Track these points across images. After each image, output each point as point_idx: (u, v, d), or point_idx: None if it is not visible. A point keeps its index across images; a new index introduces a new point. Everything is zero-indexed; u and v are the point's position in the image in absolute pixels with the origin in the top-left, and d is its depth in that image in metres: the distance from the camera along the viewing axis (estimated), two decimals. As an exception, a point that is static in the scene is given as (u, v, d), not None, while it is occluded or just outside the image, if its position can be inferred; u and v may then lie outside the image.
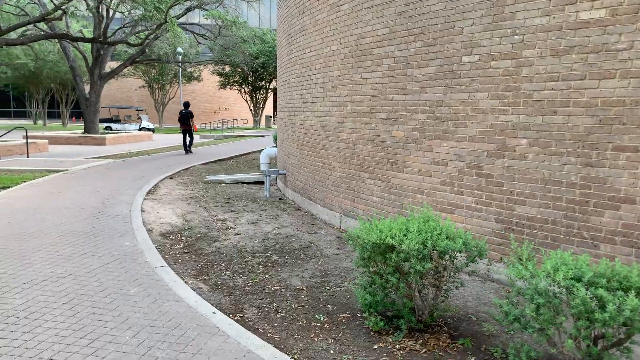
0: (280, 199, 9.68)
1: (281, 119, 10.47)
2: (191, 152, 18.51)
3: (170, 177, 12.26)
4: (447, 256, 3.77)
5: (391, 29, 6.10)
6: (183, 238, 6.67)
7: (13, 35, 24.16)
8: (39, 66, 36.10)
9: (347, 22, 6.91)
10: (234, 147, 22.20)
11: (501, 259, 5.05)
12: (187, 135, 18.38)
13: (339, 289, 4.85)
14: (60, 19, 13.89)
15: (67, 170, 12.70)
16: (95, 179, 11.29)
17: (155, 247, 6.08)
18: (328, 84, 7.49)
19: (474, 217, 5.25)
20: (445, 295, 4.02)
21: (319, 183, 7.96)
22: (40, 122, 43.71)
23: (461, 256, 3.97)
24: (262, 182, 11.57)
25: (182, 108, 18.69)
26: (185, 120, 18.32)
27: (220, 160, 16.55)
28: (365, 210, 6.72)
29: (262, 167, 11.93)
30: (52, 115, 49.28)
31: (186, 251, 6.08)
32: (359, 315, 4.23)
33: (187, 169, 13.89)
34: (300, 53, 8.60)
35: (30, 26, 23.68)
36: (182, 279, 4.99)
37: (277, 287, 4.86)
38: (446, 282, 3.89)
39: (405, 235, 3.78)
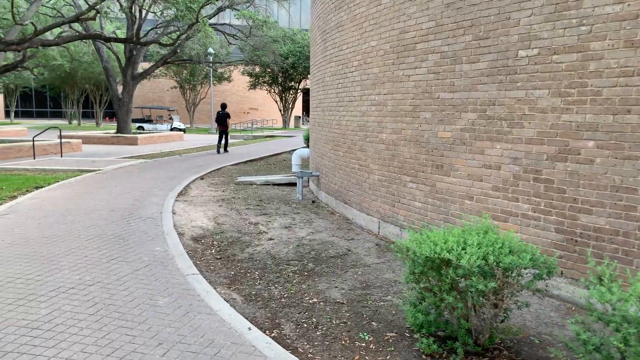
0: (313, 201, 9.34)
1: (314, 118, 10.14)
2: (227, 151, 19.02)
3: (202, 178, 12.08)
4: (512, 273, 3.34)
5: (437, 22, 5.68)
6: (215, 243, 6.39)
7: (50, 36, 24.60)
8: (74, 67, 36.82)
9: (388, 16, 6.51)
10: (264, 147, 22.02)
11: (562, 274, 4.57)
12: (224, 135, 18.86)
13: (382, 303, 4.46)
14: (94, 19, 13.94)
15: (99, 170, 12.68)
16: (126, 180, 11.19)
17: (187, 252, 5.81)
18: (366, 81, 7.10)
19: (531, 226, 4.78)
20: (505, 315, 3.60)
21: (355, 186, 7.58)
22: (75, 122, 44.66)
23: (527, 273, 3.54)
24: (294, 184, 11.27)
25: (220, 109, 19.28)
26: (222, 120, 18.84)
27: (250, 160, 16.35)
28: (407, 216, 6.30)
29: (294, 169, 11.63)
30: (87, 115, 50.33)
31: (218, 257, 5.80)
32: (407, 334, 3.84)
33: (218, 169, 13.70)
34: (335, 50, 8.24)
35: (66, 27, 24.07)
36: (215, 288, 4.69)
37: (315, 300, 4.50)
38: (508, 301, 3.46)
39: (463, 249, 3.37)
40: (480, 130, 5.22)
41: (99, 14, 13.44)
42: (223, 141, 19.00)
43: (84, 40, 30.91)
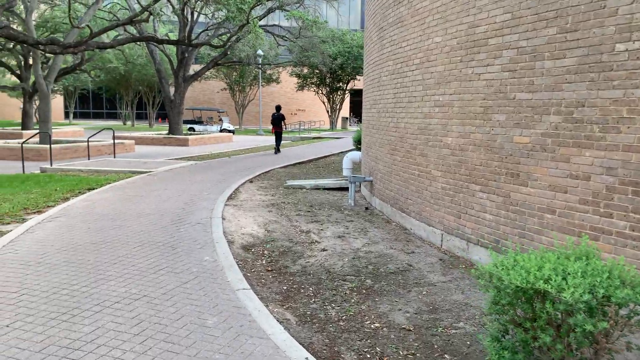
0: (366, 208, 8.86)
1: (368, 120, 9.66)
2: (279, 152, 19.55)
3: (251, 181, 11.85)
4: (625, 310, 2.76)
5: (514, 15, 5.09)
6: (265, 252, 6.04)
7: (106, 39, 25.30)
8: (128, 69, 37.92)
9: (455, 10, 5.96)
10: (312, 149, 21.70)
11: (669, 304, 3.89)
12: (278, 136, 19.46)
13: (454, 331, 3.94)
14: (147, 21, 14.06)
15: (150, 172, 12.70)
16: (176, 182, 11.10)
17: (237, 262, 5.49)
18: (429, 80, 6.57)
19: (628, 246, 4.13)
20: (611, 357, 3.01)
21: (415, 194, 7.05)
22: (129, 122, 46.07)
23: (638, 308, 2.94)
24: (345, 189, 10.83)
25: (275, 111, 19.78)
26: (278, 122, 19.36)
27: (299, 163, 16.05)
28: (475, 229, 5.72)
29: (345, 172, 11.19)
30: (140, 116, 51.86)
31: (269, 269, 5.43)
32: (488, 373, 3.31)
33: (266, 172, 13.46)
34: (394, 47, 7.74)
35: (121, 30, 24.67)
36: (267, 305, 4.32)
37: (377, 325, 4.04)
38: (616, 342, 2.88)
39: (564, 279, 2.82)
40: (566, 135, 4.60)
41: (151, 15, 13.50)
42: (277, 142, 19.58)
43: (138, 43, 31.72)
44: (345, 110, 51.16)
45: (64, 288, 4.51)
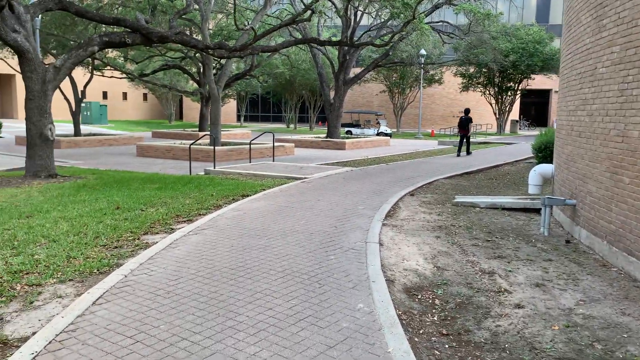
0: (567, 241, 6.78)
1: (571, 125, 7.51)
2: (469, 154, 19.87)
3: (412, 193, 10.38)
4: None
5: None
6: (437, 302, 4.56)
7: (272, 43, 26.04)
8: (293, 74, 39.17)
9: None
10: (480, 156, 19.33)
11: None
12: (465, 139, 19.68)
13: None
14: (309, 20, 13.55)
15: (305, 178, 12.02)
16: (330, 192, 10.15)
17: (399, 316, 4.11)
18: (695, 69, 4.40)
19: None
20: None
21: (656, 233, 4.89)
22: (292, 125, 47.89)
23: None
24: (531, 210, 8.74)
25: (463, 114, 20.05)
26: (465, 125, 19.58)
27: (466, 173, 14.07)
28: None
29: (532, 190, 9.06)
30: (302, 119, 53.74)
31: (444, 332, 3.94)
32: None
33: (429, 183, 11.85)
34: (622, 28, 5.61)
35: (288, 36, 25.11)
36: (446, 408, 2.85)
37: None
38: None
39: None
40: None
41: (314, 14, 12.88)
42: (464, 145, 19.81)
43: (302, 48, 32.37)
44: (514, 113, 46.48)
45: (181, 340, 3.58)
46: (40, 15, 16.60)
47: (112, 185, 10.87)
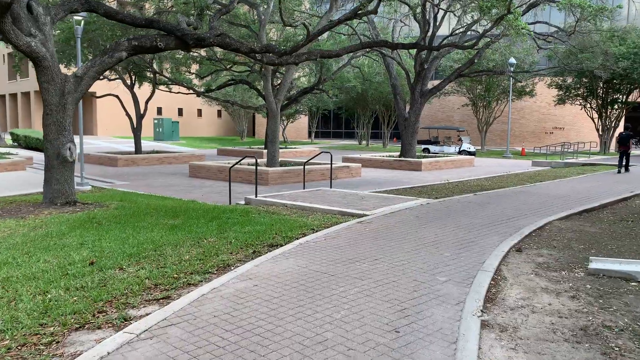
0: None
1: None
2: (628, 171, 19.21)
3: (517, 248, 7.07)
4: None
5: None
6: None
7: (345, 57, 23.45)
8: (365, 88, 36.42)
9: None
10: (594, 183, 15.16)
11: None
12: (625, 156, 19.07)
13: None
14: (375, 12, 10.80)
15: (364, 215, 9.07)
16: (396, 242, 7.14)
17: None
18: None
19: None
20: None
21: None
22: (364, 142, 45.02)
23: None
24: None
25: (623, 131, 19.57)
26: (626, 141, 19.03)
27: (585, 211, 10.37)
28: None
29: None
30: (375, 135, 50.69)
31: None
32: None
33: (540, 228, 8.41)
34: None
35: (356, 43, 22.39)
36: None
37: None
38: None
39: None
40: None
41: (381, 2, 10.06)
42: (624, 162, 19.15)
43: (374, 58, 29.52)
44: (620, 129, 40.44)
45: None
46: (82, 24, 15.17)
47: (123, 220, 8.61)
